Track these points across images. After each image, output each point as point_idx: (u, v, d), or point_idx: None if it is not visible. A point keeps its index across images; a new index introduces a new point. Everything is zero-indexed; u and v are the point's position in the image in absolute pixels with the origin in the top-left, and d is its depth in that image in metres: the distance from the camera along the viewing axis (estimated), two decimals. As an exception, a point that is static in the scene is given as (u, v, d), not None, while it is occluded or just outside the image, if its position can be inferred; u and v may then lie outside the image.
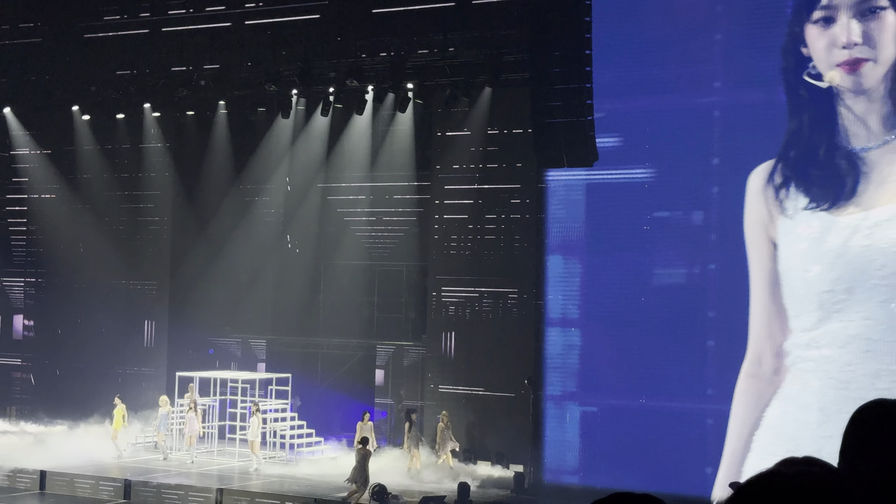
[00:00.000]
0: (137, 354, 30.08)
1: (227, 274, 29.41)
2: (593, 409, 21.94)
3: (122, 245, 30.35)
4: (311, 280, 29.29)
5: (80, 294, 30.66)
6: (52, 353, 31.23)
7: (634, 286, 21.31)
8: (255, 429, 24.01)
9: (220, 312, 29.53)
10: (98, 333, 30.12)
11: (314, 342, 29.10)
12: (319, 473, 23.79)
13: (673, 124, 21.01)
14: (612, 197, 21.64)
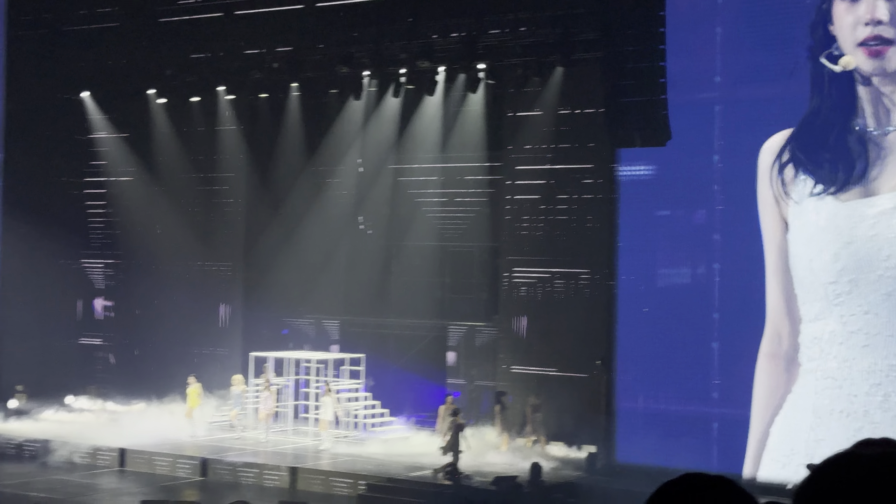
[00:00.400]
0: (213, 335, 30.47)
1: (300, 255, 29.62)
2: (664, 391, 21.84)
3: (197, 227, 30.71)
4: (382, 261, 29.43)
5: (157, 275, 31.08)
6: (130, 333, 31.77)
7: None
8: (327, 409, 24.22)
9: (294, 293, 29.74)
10: (174, 314, 30.53)
11: (386, 323, 29.24)
12: (391, 453, 24.01)
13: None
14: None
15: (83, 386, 30.71)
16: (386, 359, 28.69)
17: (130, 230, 31.82)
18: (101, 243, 32.52)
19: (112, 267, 32.52)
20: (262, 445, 24.83)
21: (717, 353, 20.81)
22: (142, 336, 31.38)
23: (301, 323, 30.42)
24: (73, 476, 23.48)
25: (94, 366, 32.11)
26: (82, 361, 32.16)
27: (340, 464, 22.98)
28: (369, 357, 27.30)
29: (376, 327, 29.30)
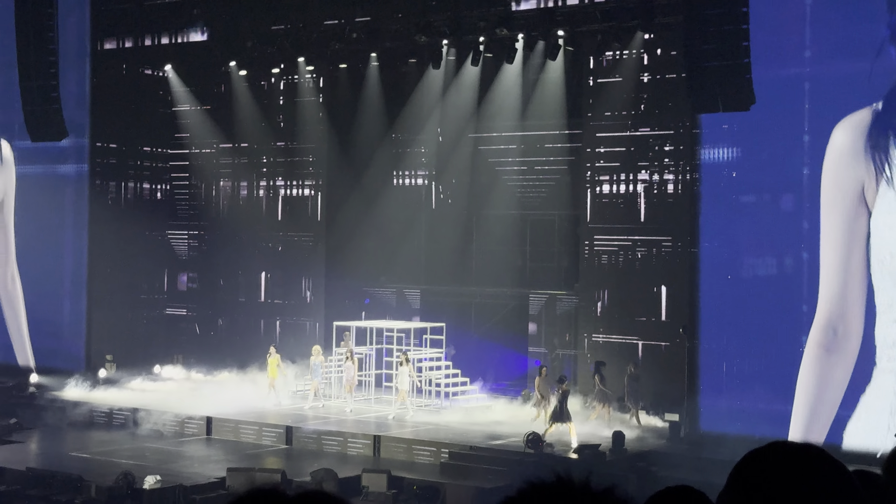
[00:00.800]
0: (296, 305, 30.66)
1: (381, 225, 29.66)
2: (748, 359, 21.60)
3: (278, 197, 30.89)
4: (463, 230, 29.39)
5: (241, 246, 31.30)
6: (214, 303, 32.13)
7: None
8: (403, 378, 24.33)
9: (375, 263, 29.80)
10: (258, 284, 30.78)
11: (467, 292, 29.24)
12: (472, 421, 24.04)
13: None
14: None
15: (170, 355, 31.19)
16: (467, 328, 28.74)
17: (214, 201, 32.22)
18: (186, 215, 32.92)
19: (196, 238, 32.87)
20: (345, 414, 25.02)
21: (805, 318, 20.52)
22: (225, 306, 31.74)
23: (382, 292, 30.53)
24: (161, 444, 23.82)
25: (179, 336, 32.58)
26: (169, 332, 32.63)
27: (422, 432, 23.01)
28: (450, 326, 27.32)
29: (457, 296, 29.32)
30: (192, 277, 33.05)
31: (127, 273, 31.40)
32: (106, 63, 30.42)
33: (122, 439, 24.30)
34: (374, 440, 22.63)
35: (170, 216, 32.94)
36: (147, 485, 19.28)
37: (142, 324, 32.12)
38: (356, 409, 25.44)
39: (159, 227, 32.78)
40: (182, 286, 33.19)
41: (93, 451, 23.00)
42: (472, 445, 21.75)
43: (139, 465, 21.05)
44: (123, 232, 30.83)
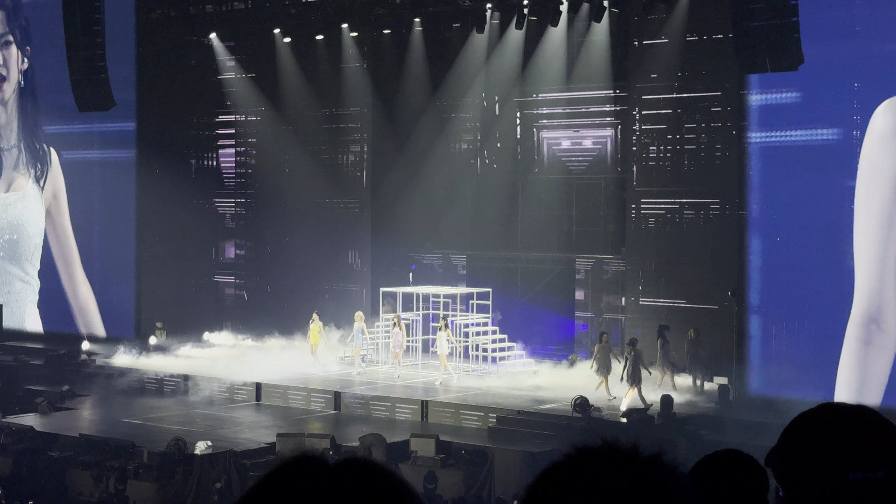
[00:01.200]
0: (342, 271, 30.79)
1: (426, 190, 29.72)
2: (798, 322, 21.41)
3: (324, 164, 30.94)
4: (508, 194, 29.37)
5: (287, 213, 31.43)
6: (262, 271, 32.31)
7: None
8: (442, 343, 24.42)
9: (421, 229, 29.87)
10: (305, 251, 30.86)
11: (513, 256, 29.24)
12: (519, 386, 24.07)
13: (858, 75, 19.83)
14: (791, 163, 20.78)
15: (219, 322, 31.46)
16: (513, 293, 28.76)
17: (260, 169, 32.31)
18: (233, 182, 33.08)
19: (243, 206, 33.05)
20: (392, 379, 25.18)
21: (854, 282, 20.31)
22: (273, 274, 31.86)
23: (428, 258, 30.60)
24: (212, 409, 24.03)
25: (228, 303, 32.86)
26: (217, 299, 32.92)
27: (470, 397, 23.12)
28: (496, 291, 27.31)
29: (503, 261, 29.32)
30: (239, 245, 33.22)
31: (175, 242, 31.59)
32: (152, 32, 30.54)
33: (172, 406, 24.56)
34: (422, 405, 22.74)
35: (217, 185, 33.09)
36: (198, 450, 19.48)
37: (190, 291, 32.36)
38: (403, 374, 25.55)
39: (207, 196, 32.97)
40: (230, 254, 33.38)
41: (144, 418, 23.26)
42: (520, 410, 21.82)
43: (190, 431, 21.21)
44: (171, 201, 31.03)
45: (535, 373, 25.36)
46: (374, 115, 30.12)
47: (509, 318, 27.70)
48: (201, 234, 32.62)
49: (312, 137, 31.09)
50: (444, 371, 24.66)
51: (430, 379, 25.08)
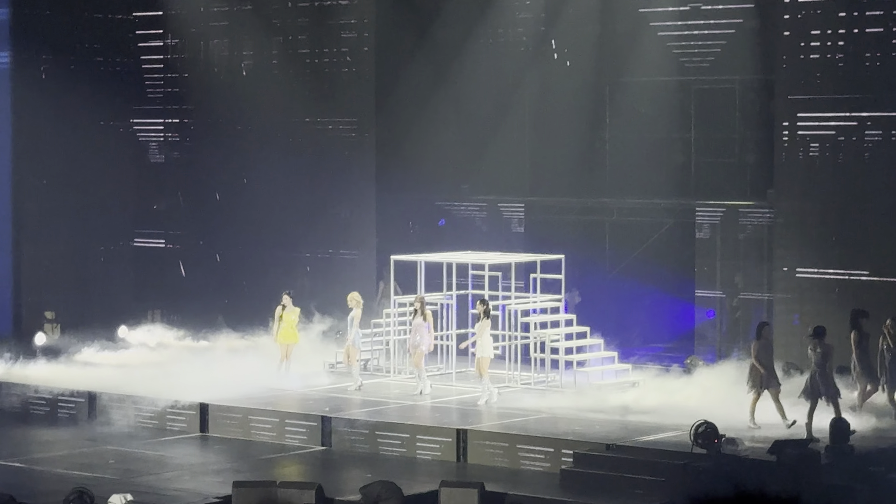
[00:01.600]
0: (331, 230, 31.03)
1: (461, 105, 30.01)
2: None
3: (304, 68, 31.22)
4: (590, 109, 29.52)
5: (245, 142, 31.62)
6: (207, 230, 32.47)
7: None
8: (483, 340, 24.37)
9: (453, 164, 30.11)
10: (272, 200, 31.07)
11: (598, 206, 29.42)
12: (609, 406, 24.04)
13: None
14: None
15: (142, 311, 31.47)
16: (598, 261, 29.05)
17: (202, 74, 32.43)
18: (161, 96, 33.18)
19: (176, 130, 33.13)
20: (412, 397, 25.14)
21: None
22: (224, 235, 32.08)
23: (466, 209, 30.85)
24: (132, 445, 23.84)
25: (155, 281, 32.85)
26: (139, 275, 32.91)
27: (532, 424, 22.87)
28: (572, 259, 27.33)
29: (582, 212, 29.54)
30: (171, 191, 33.26)
31: (73, 187, 31.68)
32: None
33: (71, 439, 24.52)
34: (458, 437, 22.56)
35: (136, 99, 33.21)
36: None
37: (97, 263, 32.44)
38: (429, 389, 25.58)
39: (121, 116, 33.01)
40: (158, 206, 33.47)
41: (28, 458, 23.16)
42: (610, 444, 21.60)
43: (99, 480, 21.10)
44: (65, 124, 31.10)
45: (634, 385, 25.45)
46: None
47: (592, 301, 27.93)
48: (114, 175, 32.67)
49: (285, 24, 31.20)
50: (488, 385, 24.60)
51: (471, 396, 25.02)
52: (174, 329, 30.37)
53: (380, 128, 30.70)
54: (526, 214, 30.31)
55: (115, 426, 25.01)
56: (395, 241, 29.62)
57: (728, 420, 21.78)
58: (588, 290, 28.18)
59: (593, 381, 25.65)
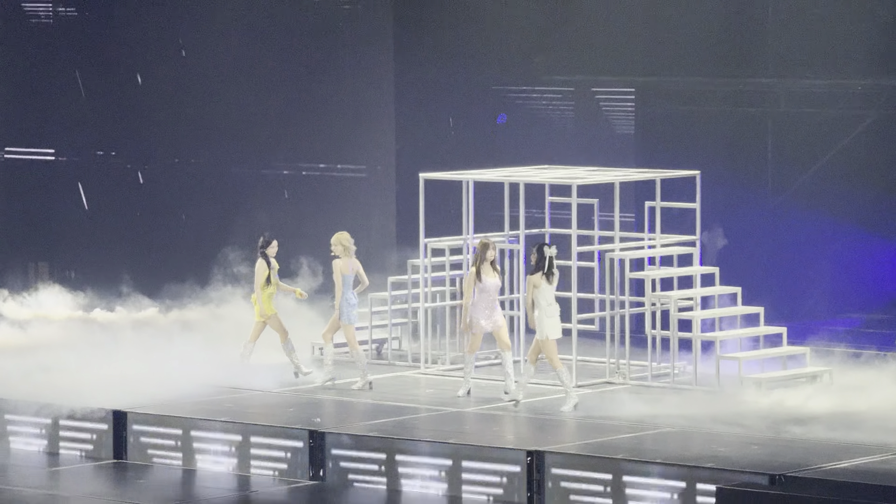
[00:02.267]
0: (325, 133, 31.67)
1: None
2: None
3: None
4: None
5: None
6: (122, 132, 32.96)
7: None
8: (542, 315, 24.19)
9: (519, 23, 30.42)
10: (237, 81, 31.67)
11: (754, 90, 29.59)
12: (779, 413, 23.98)
13: None
14: None
15: (22, 264, 32.16)
16: (755, 180, 29.30)
17: None
18: None
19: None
20: (452, 401, 25.33)
21: None
22: (151, 139, 32.75)
23: (539, 96, 31.08)
24: (13, 482, 24.00)
25: (40, 216, 33.47)
26: (12, 206, 33.61)
27: (650, 442, 23.08)
28: (713, 176, 27.60)
29: (729, 101, 29.73)
30: (62, 68, 33.70)
31: None
32: None
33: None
34: (530, 465, 22.40)
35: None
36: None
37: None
38: (477, 384, 25.71)
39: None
40: (42, 94, 33.96)
41: None
42: (777, 475, 21.30)
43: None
44: None
45: (813, 379, 25.60)
46: None
47: (746, 246, 28.37)
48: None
49: None
50: (566, 378, 24.63)
51: (549, 398, 25.01)
52: (68, 293, 30.74)
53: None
54: (637, 105, 30.57)
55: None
56: (424, 148, 30.03)
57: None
58: (739, 227, 28.48)
59: (747, 373, 25.61)
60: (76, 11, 33.85)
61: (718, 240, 27.96)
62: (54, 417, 25.27)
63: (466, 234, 26.95)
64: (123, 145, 33.13)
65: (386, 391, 26.04)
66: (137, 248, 31.54)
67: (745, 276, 27.19)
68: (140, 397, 25.34)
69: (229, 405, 25.37)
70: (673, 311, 26.08)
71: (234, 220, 29.52)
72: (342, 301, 25.96)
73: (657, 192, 27.12)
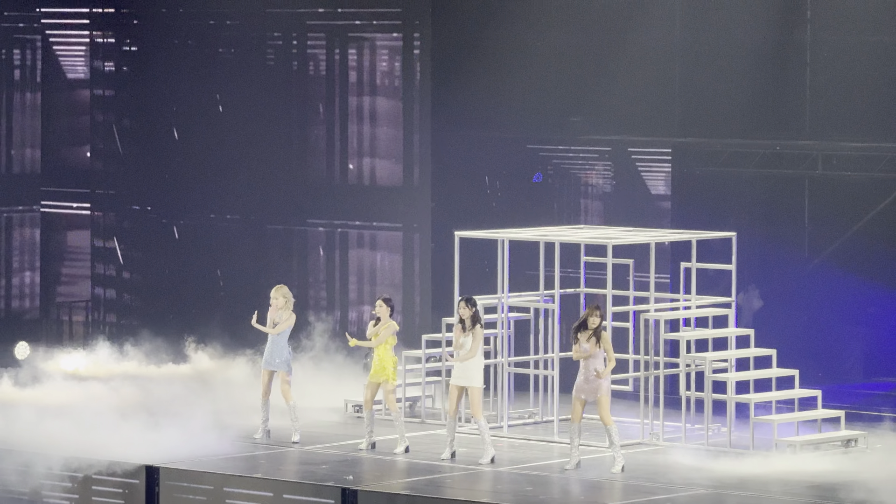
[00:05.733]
0: (362, 189, 31.58)
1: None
2: None
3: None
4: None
5: (221, 43, 32.37)
6: (158, 187, 32.86)
7: None
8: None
9: (557, 83, 30.35)
10: (273, 138, 31.79)
11: (792, 152, 29.38)
12: (812, 481, 23.68)
13: None
14: None
15: (54, 319, 31.98)
16: (791, 242, 29.08)
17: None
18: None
19: (111, 26, 33.48)
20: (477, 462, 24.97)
21: None
22: (187, 194, 32.72)
23: (575, 156, 31.04)
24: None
25: (76, 268, 33.23)
26: (49, 259, 33.40)
27: None
28: (749, 238, 27.59)
29: (767, 163, 29.57)
30: (100, 127, 33.62)
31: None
32: None
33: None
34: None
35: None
36: None
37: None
38: (511, 448, 25.43)
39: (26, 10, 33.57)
40: (79, 150, 33.73)
41: None
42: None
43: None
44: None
45: (849, 444, 25.39)
46: None
47: (781, 307, 28.22)
48: (9, 103, 33.37)
49: None
50: (614, 437, 24.35)
51: (592, 459, 24.81)
52: (111, 341, 30.95)
53: (437, 25, 31.29)
54: (674, 166, 30.46)
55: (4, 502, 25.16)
56: (460, 207, 29.98)
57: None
58: (774, 289, 28.38)
59: (781, 436, 25.42)
60: (113, 66, 33.79)
61: (754, 301, 27.93)
62: (86, 472, 25.12)
63: (501, 292, 26.81)
64: (158, 198, 33.07)
65: (418, 450, 25.79)
66: (172, 302, 31.33)
67: (780, 339, 27.06)
68: (172, 453, 25.23)
69: (262, 461, 25.27)
70: (707, 373, 25.90)
71: (269, 276, 29.37)
72: (287, 354, 26.38)
73: (693, 253, 27.05)
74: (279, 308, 26.38)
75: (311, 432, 26.71)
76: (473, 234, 27.61)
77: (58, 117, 34.41)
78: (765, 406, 26.06)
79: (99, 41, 33.70)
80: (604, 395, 24.24)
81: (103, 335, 31.78)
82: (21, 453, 25.56)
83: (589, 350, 23.90)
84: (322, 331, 28.66)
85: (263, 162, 31.97)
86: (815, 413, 26.15)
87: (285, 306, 26.36)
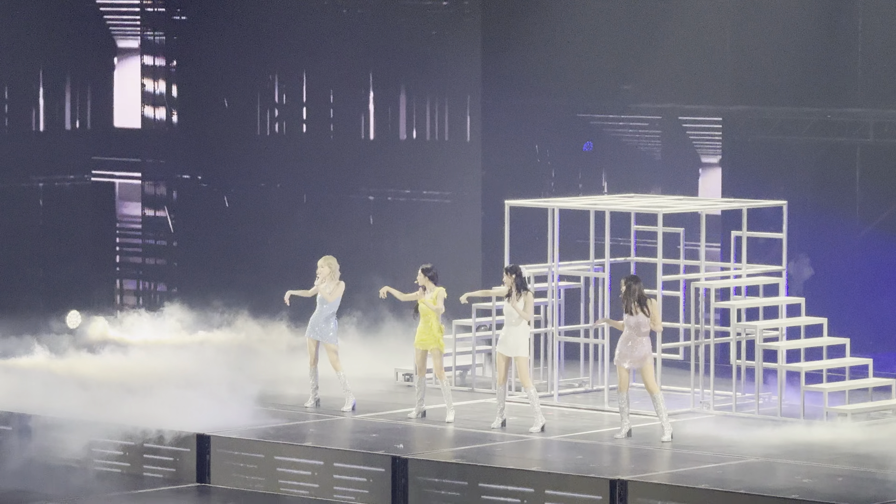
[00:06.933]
0: (412, 158, 31.60)
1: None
2: None
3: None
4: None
5: (276, 8, 32.11)
6: (210, 157, 32.86)
7: None
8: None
9: (607, 52, 30.33)
10: (323, 108, 31.77)
11: (844, 120, 29.27)
12: (864, 451, 23.55)
13: None
14: None
15: (105, 283, 32.33)
16: (843, 210, 28.98)
17: None
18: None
19: None
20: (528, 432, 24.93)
21: None
22: (237, 165, 32.73)
23: (625, 124, 30.99)
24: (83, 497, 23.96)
25: (124, 238, 33.42)
26: (98, 228, 33.55)
27: (732, 472, 22.61)
28: (800, 206, 27.57)
29: (818, 131, 29.47)
30: (152, 95, 33.66)
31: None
32: None
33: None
34: (614, 491, 22.14)
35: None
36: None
37: (34, 208, 32.90)
38: (561, 417, 25.38)
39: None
40: (129, 112, 33.84)
41: None
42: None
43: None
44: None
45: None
46: None
47: (833, 276, 28.14)
48: (60, 65, 33.30)
49: None
50: (660, 405, 24.34)
51: (641, 427, 24.76)
52: (151, 311, 31.29)
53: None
54: (725, 134, 30.36)
55: (56, 469, 25.18)
56: (510, 175, 30.05)
57: None
58: (825, 257, 28.27)
59: (833, 404, 25.33)
60: (164, 35, 33.78)
61: (805, 270, 27.90)
62: (139, 440, 25.23)
63: (551, 261, 26.79)
64: (210, 169, 33.10)
65: (469, 418, 25.86)
66: (222, 272, 31.39)
67: (831, 307, 26.94)
68: (223, 421, 25.37)
69: (312, 430, 25.38)
70: (758, 342, 25.77)
71: (319, 245, 29.33)
72: (334, 324, 26.40)
73: (744, 221, 26.96)
74: (324, 278, 26.39)
75: (362, 401, 26.69)
76: (523, 203, 27.58)
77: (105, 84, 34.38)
78: (816, 375, 25.88)
79: (149, 10, 33.65)
80: (648, 363, 24.30)
81: (153, 304, 31.95)
82: (72, 422, 25.59)
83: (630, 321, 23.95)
84: (370, 300, 28.62)
85: (313, 130, 31.84)
86: (867, 382, 26.02)
87: (330, 276, 26.34)
